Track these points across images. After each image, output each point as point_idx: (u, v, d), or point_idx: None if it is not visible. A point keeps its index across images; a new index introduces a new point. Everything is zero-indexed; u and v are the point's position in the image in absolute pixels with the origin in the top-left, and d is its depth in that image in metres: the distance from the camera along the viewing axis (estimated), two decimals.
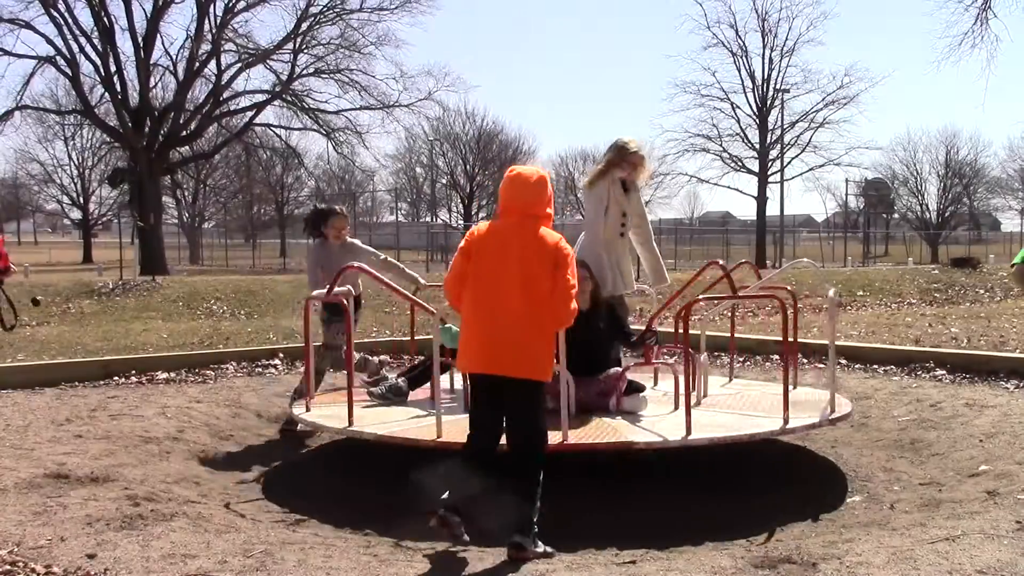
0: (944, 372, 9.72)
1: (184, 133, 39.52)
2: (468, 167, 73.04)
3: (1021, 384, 8.98)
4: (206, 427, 7.95)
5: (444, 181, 74.54)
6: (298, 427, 7.81)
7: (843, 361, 10.28)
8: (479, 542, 5.28)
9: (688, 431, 5.97)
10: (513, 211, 5.04)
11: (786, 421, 6.34)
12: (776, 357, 11.03)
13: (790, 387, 6.68)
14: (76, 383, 9.64)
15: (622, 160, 7.49)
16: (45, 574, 4.23)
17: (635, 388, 6.90)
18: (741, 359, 11.36)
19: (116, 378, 9.91)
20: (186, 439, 7.54)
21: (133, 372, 10.09)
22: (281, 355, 11.15)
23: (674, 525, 5.69)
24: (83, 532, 4.89)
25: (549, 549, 4.84)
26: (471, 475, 4.93)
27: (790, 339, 7.18)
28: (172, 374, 10.19)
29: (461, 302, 5.04)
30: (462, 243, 5.09)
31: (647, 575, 4.49)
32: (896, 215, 77.15)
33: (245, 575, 4.28)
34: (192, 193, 66.64)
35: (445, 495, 4.95)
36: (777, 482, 6.85)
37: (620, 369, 7.03)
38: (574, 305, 5.00)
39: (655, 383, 7.91)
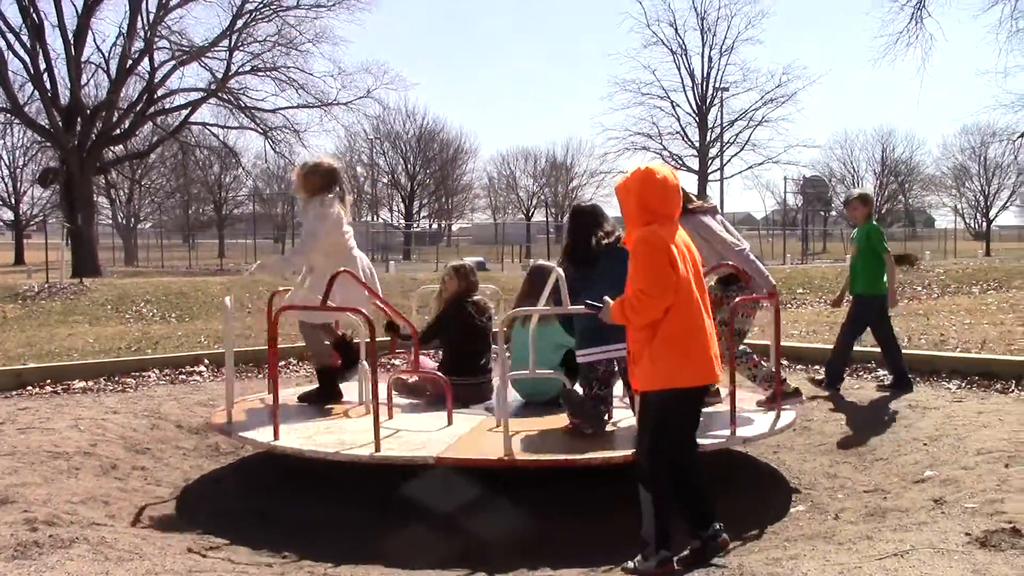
0: (885, 373, 9.56)
1: (117, 132, 38.60)
2: (409, 166, 72.55)
3: (963, 384, 8.87)
4: (121, 440, 7.49)
5: (385, 180, 73.93)
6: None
7: (784, 362, 10.09)
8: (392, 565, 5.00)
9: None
10: (670, 217, 4.70)
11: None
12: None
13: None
14: None
15: None
16: None
17: None
18: None
19: (29, 388, 9.44)
20: (98, 454, 7.07)
21: (48, 381, 9.63)
22: (206, 361, 10.73)
23: (609, 538, 5.42)
24: None
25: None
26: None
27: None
28: (90, 383, 9.74)
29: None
30: (660, 254, 4.53)
31: None
32: (834, 212, 77.97)
33: None
34: (127, 193, 65.40)
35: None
36: (718, 490, 6.57)
37: None
38: None
39: None
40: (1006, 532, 4.63)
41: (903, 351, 9.08)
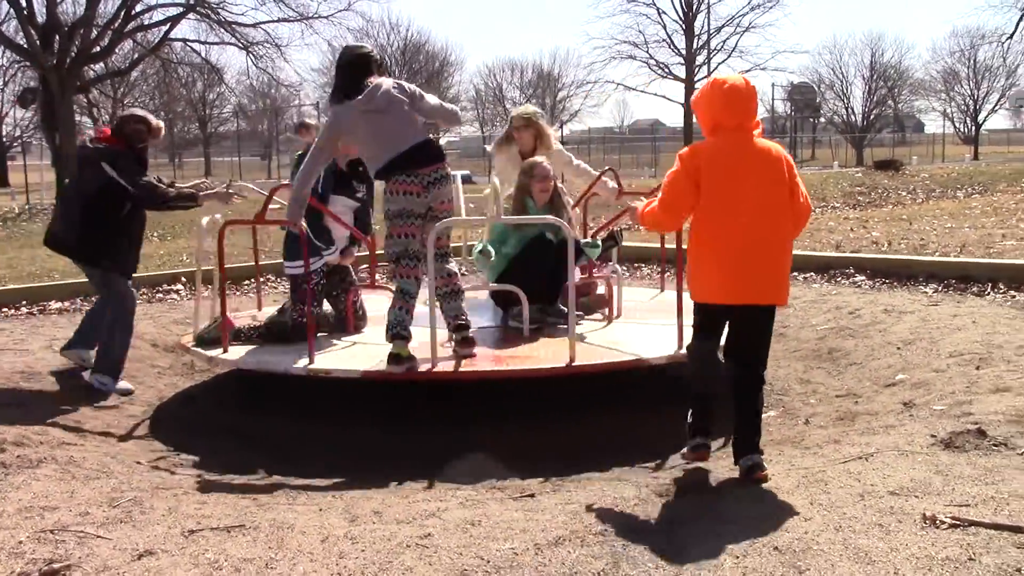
0: (864, 278, 9.57)
1: (96, 50, 37.85)
2: (394, 79, 71.62)
3: (939, 288, 8.86)
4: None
5: None
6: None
7: None
8: (361, 480, 5.01)
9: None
10: (735, 128, 4.47)
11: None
12: None
13: None
14: None
15: None
16: None
17: None
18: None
19: (5, 309, 9.38)
20: (73, 374, 7.07)
21: (24, 303, 9.57)
22: (184, 279, 10.67)
23: (587, 445, 5.54)
24: None
25: None
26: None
27: None
28: (66, 303, 9.68)
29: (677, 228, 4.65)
30: (684, 177, 4.37)
31: (545, 509, 4.20)
32: (822, 119, 77.46)
33: (107, 527, 3.91)
34: (110, 112, 64.58)
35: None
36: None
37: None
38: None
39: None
40: (971, 433, 4.65)
41: (879, 256, 9.05)
